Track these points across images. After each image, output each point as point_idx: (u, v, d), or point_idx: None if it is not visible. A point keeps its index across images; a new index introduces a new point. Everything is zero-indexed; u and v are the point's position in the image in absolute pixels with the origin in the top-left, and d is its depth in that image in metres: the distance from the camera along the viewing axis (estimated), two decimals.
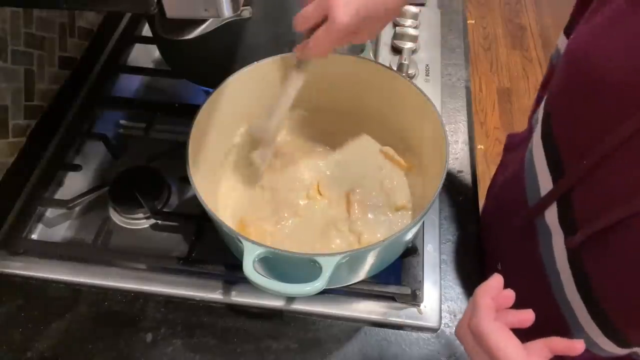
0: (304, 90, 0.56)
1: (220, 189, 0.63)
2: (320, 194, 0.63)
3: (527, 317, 0.40)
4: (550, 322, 0.52)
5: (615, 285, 0.44)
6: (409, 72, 0.78)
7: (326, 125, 0.69)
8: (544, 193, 0.50)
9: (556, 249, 0.50)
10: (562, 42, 0.58)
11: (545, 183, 0.50)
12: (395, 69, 0.77)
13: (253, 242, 0.47)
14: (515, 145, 0.67)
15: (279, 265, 0.53)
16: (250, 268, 0.45)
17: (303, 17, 0.50)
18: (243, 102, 0.64)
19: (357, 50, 0.71)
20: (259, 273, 0.46)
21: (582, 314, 0.48)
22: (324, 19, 0.49)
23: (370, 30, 0.51)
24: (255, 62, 0.61)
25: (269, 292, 0.46)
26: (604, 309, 0.46)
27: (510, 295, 0.41)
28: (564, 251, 0.49)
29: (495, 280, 0.41)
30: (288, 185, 0.64)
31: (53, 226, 0.68)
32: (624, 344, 0.47)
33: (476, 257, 0.63)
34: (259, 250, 0.46)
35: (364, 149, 0.67)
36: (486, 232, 0.67)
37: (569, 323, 0.51)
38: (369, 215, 0.61)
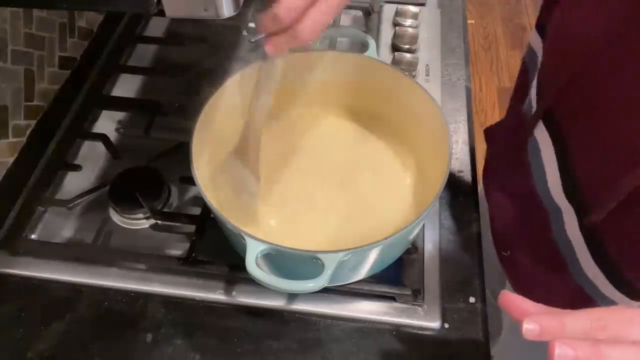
0: (301, 88, 0.56)
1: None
2: (321, 192, 0.63)
3: None
4: (575, 301, 0.53)
5: (636, 251, 0.45)
6: (409, 72, 0.78)
7: (325, 124, 0.69)
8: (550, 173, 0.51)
9: (568, 227, 0.51)
10: (535, 40, 0.59)
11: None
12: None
13: (256, 238, 0.47)
14: (499, 133, 0.67)
15: (282, 263, 0.53)
16: (252, 265, 0.46)
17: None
18: (245, 103, 0.64)
19: (359, 48, 0.71)
20: (261, 270, 0.46)
21: (602, 282, 0.49)
22: None
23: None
24: (257, 62, 0.61)
25: (271, 288, 0.46)
26: (626, 277, 0.47)
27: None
28: (577, 229, 0.49)
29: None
30: (286, 184, 0.64)
31: (53, 226, 0.67)
32: None
33: (476, 256, 0.63)
34: (261, 247, 0.47)
35: (365, 149, 0.67)
36: (494, 221, 0.67)
37: (593, 296, 0.52)
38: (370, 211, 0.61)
